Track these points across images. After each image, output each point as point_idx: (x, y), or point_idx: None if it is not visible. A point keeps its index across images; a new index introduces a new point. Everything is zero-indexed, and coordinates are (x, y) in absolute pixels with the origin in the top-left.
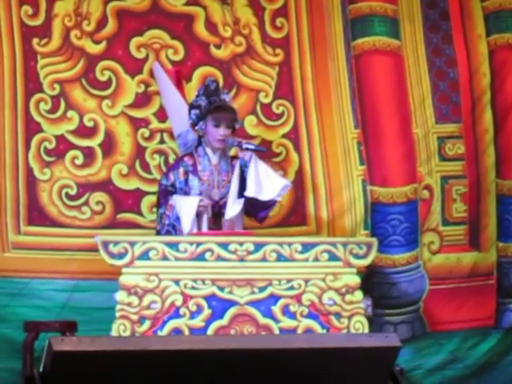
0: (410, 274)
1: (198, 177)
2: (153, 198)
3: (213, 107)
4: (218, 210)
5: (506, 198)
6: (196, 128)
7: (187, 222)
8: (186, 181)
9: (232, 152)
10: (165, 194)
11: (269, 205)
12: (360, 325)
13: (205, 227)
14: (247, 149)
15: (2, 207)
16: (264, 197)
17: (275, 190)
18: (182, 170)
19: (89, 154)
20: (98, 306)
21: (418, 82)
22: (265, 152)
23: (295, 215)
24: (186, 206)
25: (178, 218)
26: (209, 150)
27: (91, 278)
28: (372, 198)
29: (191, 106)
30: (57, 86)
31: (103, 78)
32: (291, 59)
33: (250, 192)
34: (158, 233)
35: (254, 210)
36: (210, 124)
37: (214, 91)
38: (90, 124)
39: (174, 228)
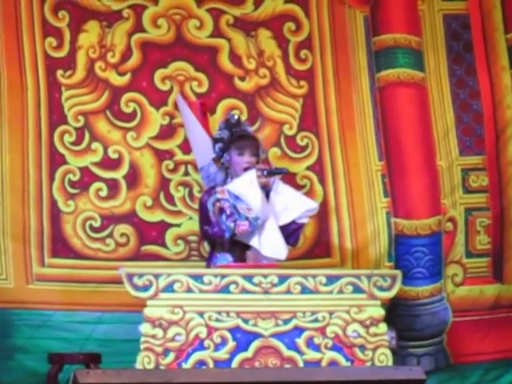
0: (434, 306)
1: None
2: (177, 230)
3: (235, 137)
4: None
5: None
6: (222, 161)
7: (256, 192)
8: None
9: None
10: (209, 194)
11: (294, 229)
12: (384, 357)
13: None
14: (269, 174)
15: (26, 239)
16: (282, 222)
17: (295, 213)
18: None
19: (113, 186)
20: (123, 338)
21: (441, 113)
22: (286, 173)
23: (319, 247)
24: (245, 182)
25: (237, 198)
26: None
27: (115, 310)
28: (396, 230)
29: (214, 141)
30: (81, 118)
31: (128, 110)
32: (315, 91)
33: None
34: (215, 224)
35: (284, 235)
36: (235, 153)
37: (234, 124)
38: (114, 156)
39: (235, 208)
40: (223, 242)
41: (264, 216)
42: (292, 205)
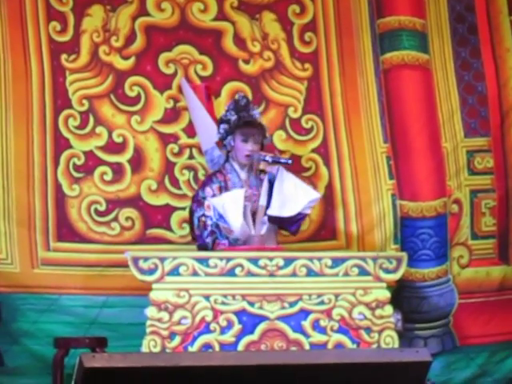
0: (440, 288)
1: None
2: (182, 214)
3: (242, 122)
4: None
5: None
6: (224, 143)
7: (238, 215)
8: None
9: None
10: (198, 203)
11: (298, 218)
12: (390, 339)
13: (249, 217)
14: (273, 162)
15: (32, 223)
16: (287, 213)
17: (299, 204)
18: (216, 185)
19: (118, 169)
20: (128, 321)
21: (446, 96)
22: (291, 164)
23: (325, 230)
24: (230, 201)
25: (221, 216)
26: (236, 166)
27: (121, 293)
28: (401, 212)
29: (220, 121)
30: (85, 102)
31: (132, 94)
32: (320, 74)
33: (272, 211)
34: (199, 237)
35: (284, 224)
36: (239, 139)
37: (243, 106)
38: (118, 140)
39: (217, 227)
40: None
41: (245, 236)
42: (297, 195)
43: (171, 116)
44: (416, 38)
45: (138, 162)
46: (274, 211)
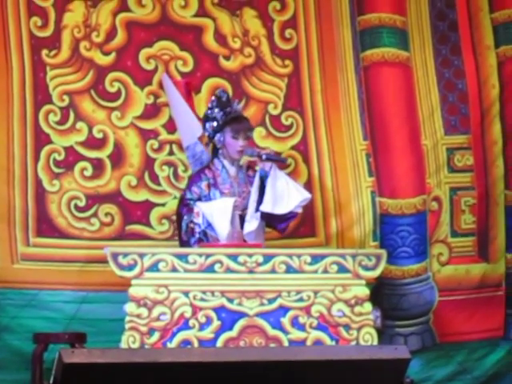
0: (420, 286)
1: (219, 190)
2: (162, 210)
3: (229, 118)
4: (242, 221)
5: None
6: (214, 140)
7: (225, 225)
8: (209, 194)
9: (242, 161)
10: (187, 208)
11: (288, 217)
12: (369, 336)
13: (238, 226)
14: (267, 159)
15: (11, 219)
16: (280, 211)
17: (292, 203)
18: (205, 183)
19: (98, 165)
20: (107, 317)
21: (426, 93)
22: (285, 163)
23: (304, 227)
24: (219, 210)
25: (209, 225)
26: (226, 162)
27: (100, 289)
28: (381, 209)
29: (206, 119)
30: (66, 98)
31: (112, 90)
32: (300, 71)
33: (265, 207)
34: (186, 243)
35: (274, 221)
36: (229, 136)
37: (226, 102)
38: (99, 135)
39: (205, 235)
40: None
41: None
42: (289, 194)
43: (151, 112)
44: (396, 36)
45: (118, 157)
46: (266, 207)
